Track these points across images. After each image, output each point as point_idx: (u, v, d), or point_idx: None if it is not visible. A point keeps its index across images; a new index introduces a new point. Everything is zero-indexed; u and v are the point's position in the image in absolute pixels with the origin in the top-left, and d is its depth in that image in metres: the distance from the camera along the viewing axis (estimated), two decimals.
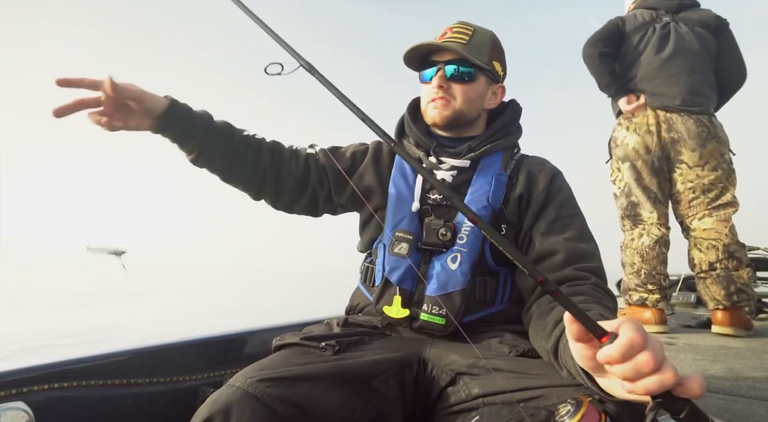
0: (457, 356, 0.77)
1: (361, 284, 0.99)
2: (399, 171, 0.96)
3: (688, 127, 1.99)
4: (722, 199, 1.98)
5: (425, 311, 0.83)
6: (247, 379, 0.69)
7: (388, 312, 0.85)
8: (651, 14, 2.20)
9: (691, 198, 2.03)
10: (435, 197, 0.90)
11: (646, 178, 2.11)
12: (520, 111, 1.01)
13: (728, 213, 1.97)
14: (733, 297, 1.89)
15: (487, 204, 0.87)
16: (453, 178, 0.91)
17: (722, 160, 1.99)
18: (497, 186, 0.88)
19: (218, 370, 1.32)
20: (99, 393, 1.08)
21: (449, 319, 0.81)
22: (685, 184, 2.04)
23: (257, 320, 1.45)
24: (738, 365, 1.35)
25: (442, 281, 0.83)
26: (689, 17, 2.14)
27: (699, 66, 2.05)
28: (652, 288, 2.06)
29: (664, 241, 2.09)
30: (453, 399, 0.73)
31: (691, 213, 2.03)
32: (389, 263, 0.87)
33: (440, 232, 0.84)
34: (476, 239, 0.85)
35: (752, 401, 1.04)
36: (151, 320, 9.60)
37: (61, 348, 5.91)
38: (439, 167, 0.93)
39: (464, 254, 0.84)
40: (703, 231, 1.98)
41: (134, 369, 1.16)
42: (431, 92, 0.93)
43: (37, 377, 0.99)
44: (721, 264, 1.93)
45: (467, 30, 0.94)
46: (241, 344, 1.39)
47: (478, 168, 0.92)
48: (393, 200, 0.92)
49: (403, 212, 0.90)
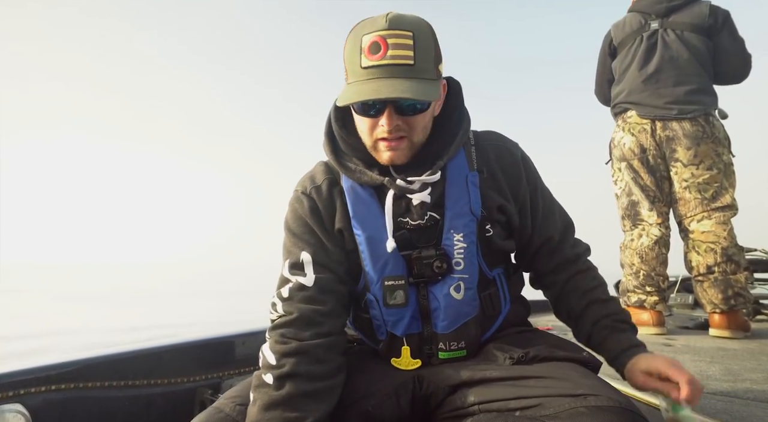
0: (452, 371, 0.75)
1: (360, 333, 0.89)
2: (357, 204, 0.81)
3: (683, 126, 1.99)
4: (721, 201, 1.97)
5: (443, 349, 0.78)
6: (235, 405, 0.68)
7: (398, 365, 0.80)
8: (640, 21, 2.19)
9: (687, 197, 2.02)
10: (415, 223, 0.79)
11: (644, 176, 2.11)
12: (460, 90, 0.86)
13: (727, 216, 1.96)
14: (731, 301, 1.89)
15: (472, 216, 0.79)
16: (430, 195, 0.79)
17: (718, 160, 1.98)
18: (473, 190, 0.80)
19: (216, 372, 1.32)
20: (97, 394, 1.07)
21: (470, 347, 0.79)
22: (680, 183, 2.04)
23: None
24: (736, 366, 1.35)
25: (452, 315, 0.78)
26: (679, 21, 2.11)
27: (688, 75, 2.03)
28: (650, 290, 2.05)
29: (664, 242, 2.08)
30: (449, 407, 0.72)
31: (690, 214, 2.03)
32: (389, 317, 0.79)
33: (435, 265, 0.76)
34: (472, 258, 0.79)
35: (750, 402, 1.04)
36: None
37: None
38: (412, 190, 0.79)
39: (466, 281, 0.78)
40: (702, 234, 1.98)
41: (132, 371, 1.15)
42: (379, 131, 0.75)
43: (34, 379, 0.99)
44: (719, 268, 1.93)
45: (406, 37, 0.72)
46: (238, 346, 1.39)
47: (447, 176, 0.81)
48: (365, 243, 0.79)
49: (383, 256, 0.78)
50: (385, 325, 0.79)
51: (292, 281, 0.78)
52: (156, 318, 9.25)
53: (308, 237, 0.82)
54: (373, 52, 0.72)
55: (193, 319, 8.54)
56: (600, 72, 2.38)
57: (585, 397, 0.59)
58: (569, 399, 0.60)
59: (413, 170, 0.79)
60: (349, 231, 0.81)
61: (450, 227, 0.78)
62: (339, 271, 0.81)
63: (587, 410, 0.57)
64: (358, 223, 0.80)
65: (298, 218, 0.84)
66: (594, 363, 0.75)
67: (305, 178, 0.87)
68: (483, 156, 0.85)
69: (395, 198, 0.79)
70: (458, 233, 0.78)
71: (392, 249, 0.77)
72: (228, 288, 24.51)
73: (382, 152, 0.78)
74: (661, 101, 2.03)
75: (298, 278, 0.78)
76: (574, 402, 0.59)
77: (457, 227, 0.78)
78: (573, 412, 0.58)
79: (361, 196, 0.81)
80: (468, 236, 0.78)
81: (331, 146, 0.84)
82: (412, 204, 0.79)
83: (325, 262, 0.80)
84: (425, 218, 0.79)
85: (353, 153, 0.82)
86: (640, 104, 2.10)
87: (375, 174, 0.79)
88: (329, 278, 0.79)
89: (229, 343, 1.38)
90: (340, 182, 0.84)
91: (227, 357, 1.36)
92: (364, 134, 0.79)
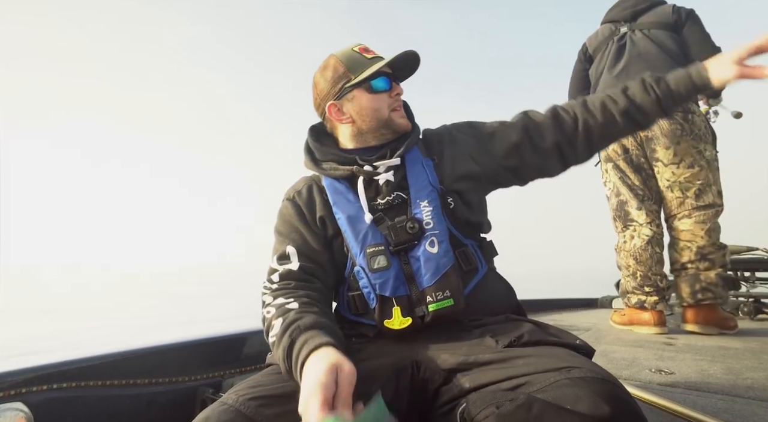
0: (448, 355, 0.77)
1: (355, 317, 0.92)
2: (335, 195, 0.95)
3: (661, 125, 2.00)
4: (703, 199, 1.98)
5: (431, 301, 0.84)
6: (239, 397, 0.68)
7: (390, 325, 0.85)
8: (610, 28, 2.27)
9: (670, 197, 2.05)
10: (384, 201, 0.92)
11: (631, 176, 2.13)
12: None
13: (708, 214, 1.97)
14: (697, 295, 1.92)
15: (432, 187, 0.92)
16: (393, 176, 0.94)
17: (699, 157, 1.98)
18: (429, 170, 0.94)
19: (217, 371, 1.32)
20: (98, 393, 1.08)
21: (456, 296, 0.84)
22: (663, 182, 2.06)
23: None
24: (737, 365, 1.35)
25: (432, 267, 0.85)
26: (645, 22, 2.17)
27: (657, 67, 2.03)
28: (649, 290, 2.06)
29: (656, 241, 2.09)
30: (447, 396, 0.73)
31: (673, 213, 2.06)
32: (376, 280, 0.86)
33: (408, 226, 0.87)
34: (440, 218, 0.89)
35: (751, 401, 1.04)
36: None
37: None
38: (377, 172, 0.94)
39: (438, 235, 0.87)
40: (681, 232, 2.01)
41: (134, 370, 1.16)
42: (394, 101, 0.98)
43: (35, 377, 0.99)
44: (693, 265, 1.96)
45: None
46: (240, 345, 1.39)
47: (406, 164, 0.95)
48: (346, 222, 0.91)
49: (362, 229, 0.90)
50: (374, 290, 0.86)
51: (280, 269, 0.91)
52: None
53: (293, 234, 0.95)
54: (368, 51, 0.98)
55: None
56: (572, 80, 2.45)
57: (569, 369, 0.61)
58: (554, 373, 0.61)
59: (377, 160, 0.95)
60: (331, 217, 0.94)
61: (416, 198, 0.91)
62: (321, 260, 0.93)
63: (570, 381, 0.58)
64: (339, 208, 0.93)
65: (284, 221, 0.98)
66: (587, 348, 0.76)
67: (289, 190, 1.03)
68: (430, 146, 1.00)
69: (365, 183, 0.94)
70: (423, 201, 0.90)
71: (369, 220, 0.89)
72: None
73: (396, 121, 0.98)
74: None
75: (285, 266, 0.91)
76: (559, 375, 0.60)
77: (422, 196, 0.91)
78: (557, 384, 0.59)
79: (339, 188, 0.96)
80: (432, 202, 0.90)
81: (310, 157, 1.01)
82: (379, 185, 0.93)
83: (308, 252, 0.93)
84: (393, 195, 0.92)
85: (327, 157, 0.99)
86: None
87: (346, 167, 0.95)
88: (313, 266, 0.92)
89: (230, 342, 1.38)
90: (320, 183, 1.00)
91: (228, 356, 1.36)
92: (379, 110, 0.97)
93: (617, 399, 0.55)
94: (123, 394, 1.12)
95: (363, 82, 0.96)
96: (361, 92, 0.97)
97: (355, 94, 0.97)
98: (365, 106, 0.97)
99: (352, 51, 0.98)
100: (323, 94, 0.99)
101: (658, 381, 1.21)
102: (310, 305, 0.83)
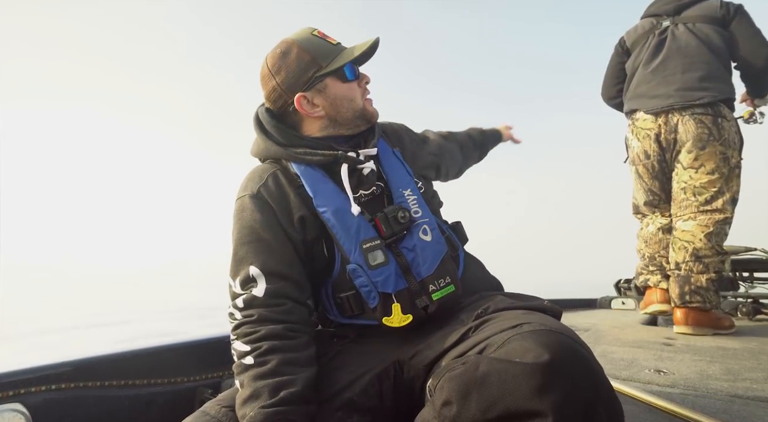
0: (430, 351, 0.76)
1: (349, 320, 0.86)
2: (314, 184, 0.85)
3: (687, 128, 1.97)
4: (712, 205, 1.96)
5: (435, 290, 0.81)
6: (221, 407, 0.69)
7: (389, 323, 0.81)
8: (651, 22, 2.20)
9: (681, 198, 2.04)
10: (369, 192, 0.88)
11: (648, 181, 2.17)
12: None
13: (712, 219, 1.96)
14: (685, 297, 1.92)
15: (408, 175, 0.92)
16: (374, 166, 0.91)
17: (723, 164, 1.94)
18: (401, 159, 0.95)
19: (217, 371, 1.32)
20: (96, 394, 1.07)
21: (455, 282, 0.84)
22: (678, 183, 2.06)
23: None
24: (736, 366, 1.35)
25: (430, 256, 0.83)
26: (689, 15, 2.11)
27: (697, 62, 2.00)
28: (653, 269, 2.17)
29: (668, 228, 2.15)
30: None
31: (679, 213, 2.06)
32: (376, 278, 0.80)
33: (399, 215, 0.83)
34: (424, 205, 0.88)
35: (750, 401, 1.04)
36: None
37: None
38: (361, 161, 0.89)
39: (428, 223, 0.86)
40: (682, 232, 2.01)
41: (132, 370, 1.16)
42: (365, 90, 0.94)
43: (34, 378, 0.99)
44: (686, 266, 1.96)
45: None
46: None
47: (379, 155, 0.93)
48: (333, 216, 0.82)
49: (352, 223, 0.82)
50: (375, 287, 0.80)
51: (243, 294, 0.80)
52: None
53: (258, 247, 0.82)
54: (327, 37, 0.90)
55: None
56: (608, 72, 2.41)
57: (521, 326, 0.62)
58: (508, 331, 0.62)
59: (351, 150, 0.89)
60: (313, 213, 0.84)
61: (397, 186, 0.89)
62: (294, 275, 0.82)
63: (520, 336, 0.59)
64: (322, 201, 0.83)
65: (246, 229, 0.84)
66: (554, 310, 0.77)
67: (246, 184, 0.89)
68: (388, 137, 1.01)
69: (349, 171, 0.86)
70: (405, 189, 0.89)
71: (358, 212, 0.82)
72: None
73: (369, 110, 0.94)
74: (670, 88, 2.01)
75: (249, 290, 0.80)
76: (511, 333, 0.61)
77: (402, 185, 0.89)
78: (509, 341, 0.59)
79: (317, 175, 0.86)
80: (413, 190, 0.90)
81: (273, 139, 0.89)
82: (363, 175, 0.89)
83: (278, 270, 0.81)
84: (373, 187, 0.89)
85: (295, 142, 0.88)
86: (646, 96, 2.09)
87: (325, 152, 0.87)
88: (282, 285, 0.80)
89: (229, 343, 1.38)
90: (289, 171, 0.88)
91: (227, 357, 1.35)
92: (354, 100, 0.91)
93: (561, 346, 0.55)
94: (121, 395, 1.12)
95: (336, 71, 0.88)
96: (333, 81, 0.89)
97: (328, 84, 0.89)
98: (341, 96, 0.90)
99: (313, 36, 0.89)
100: (287, 84, 0.87)
101: (657, 382, 1.21)
102: (267, 354, 0.74)
